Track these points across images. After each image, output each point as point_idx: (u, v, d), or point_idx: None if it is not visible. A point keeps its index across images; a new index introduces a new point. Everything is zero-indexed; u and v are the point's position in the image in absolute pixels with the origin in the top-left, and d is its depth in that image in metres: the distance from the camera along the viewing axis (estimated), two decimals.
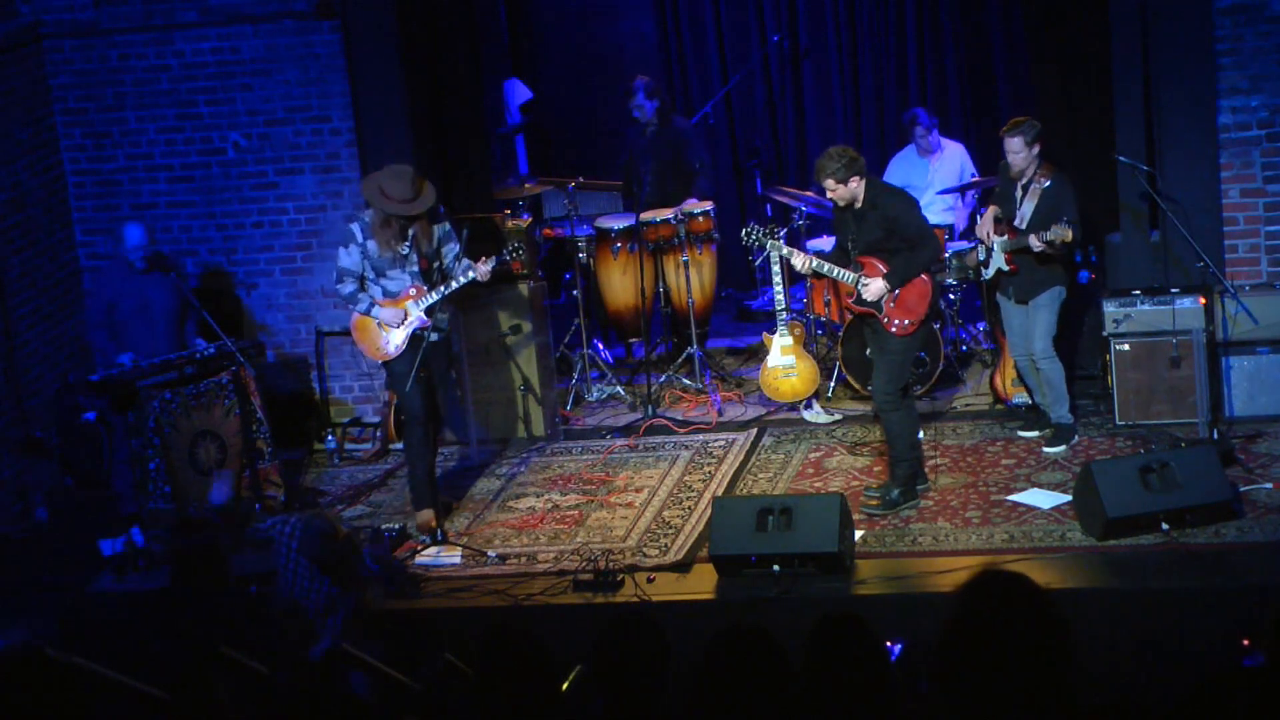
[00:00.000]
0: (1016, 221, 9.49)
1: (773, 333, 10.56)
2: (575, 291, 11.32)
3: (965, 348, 11.13)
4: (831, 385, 10.88)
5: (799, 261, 9.20)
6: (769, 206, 12.01)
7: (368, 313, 9.42)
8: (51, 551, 9.78)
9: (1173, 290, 9.76)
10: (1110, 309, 9.77)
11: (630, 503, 9.64)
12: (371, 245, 9.37)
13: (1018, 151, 9.40)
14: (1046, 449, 9.68)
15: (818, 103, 13.06)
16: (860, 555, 8.59)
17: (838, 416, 10.56)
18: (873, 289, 8.98)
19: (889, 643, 5.11)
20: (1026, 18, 10.87)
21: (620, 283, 11.39)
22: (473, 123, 11.28)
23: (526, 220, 11.08)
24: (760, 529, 8.47)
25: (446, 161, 11.20)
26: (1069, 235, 9.19)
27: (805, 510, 8.48)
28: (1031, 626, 3.51)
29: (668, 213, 11.23)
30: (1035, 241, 9.29)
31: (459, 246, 9.50)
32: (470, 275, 9.41)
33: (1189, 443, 9.33)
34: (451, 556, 9.10)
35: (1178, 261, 9.92)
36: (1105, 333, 9.79)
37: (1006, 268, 9.55)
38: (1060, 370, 9.63)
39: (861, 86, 12.91)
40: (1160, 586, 8.00)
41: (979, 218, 10.82)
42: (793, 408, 10.62)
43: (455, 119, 11.11)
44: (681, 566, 8.77)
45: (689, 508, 9.49)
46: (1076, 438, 9.72)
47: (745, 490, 9.62)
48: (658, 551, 8.96)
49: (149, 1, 10.79)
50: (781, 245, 9.48)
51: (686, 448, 10.37)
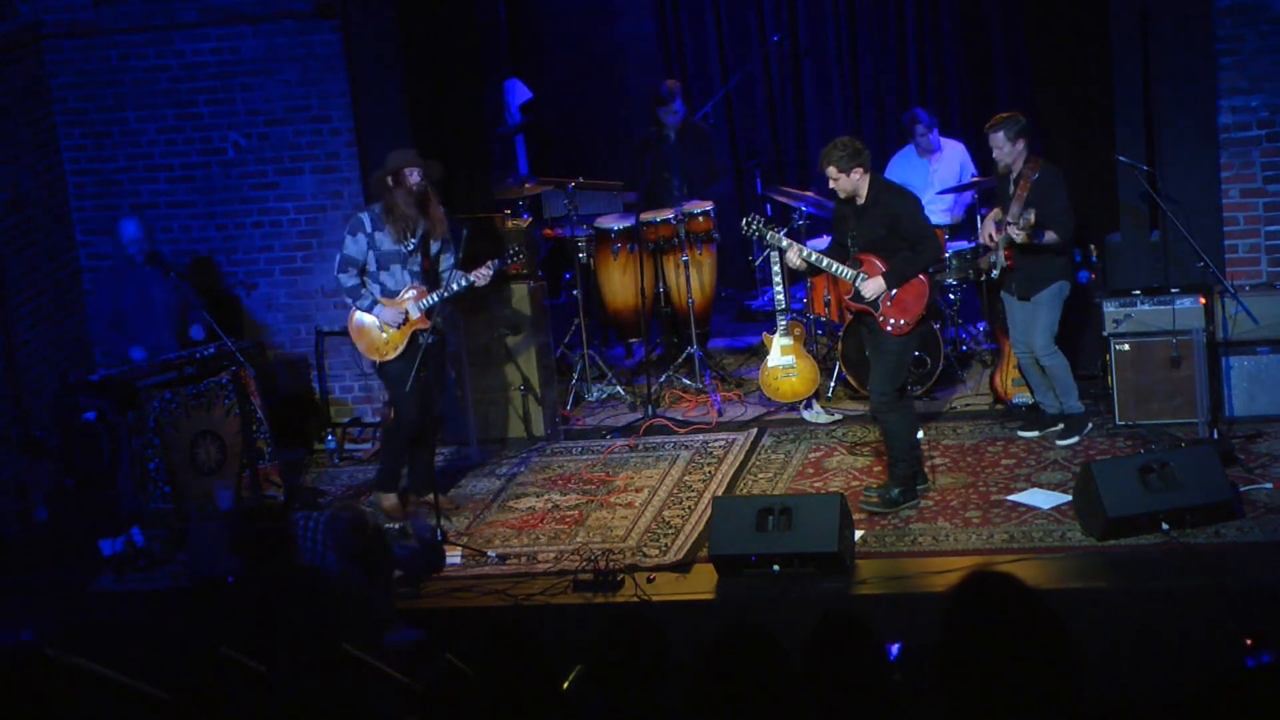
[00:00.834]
0: (1009, 217, 9.50)
1: (773, 333, 10.57)
2: (575, 291, 11.32)
3: (965, 348, 11.13)
4: (831, 385, 10.88)
5: (792, 253, 9.15)
6: (769, 206, 12.00)
7: (369, 310, 9.42)
8: (51, 551, 9.78)
9: (1173, 290, 9.76)
10: (1110, 309, 9.77)
11: (630, 503, 9.64)
12: (380, 236, 9.38)
13: (1000, 146, 9.43)
14: (1060, 441, 9.70)
15: (818, 103, 13.06)
16: (860, 555, 8.59)
17: (838, 416, 10.56)
18: (870, 286, 8.98)
19: (888, 643, 5.11)
20: (1026, 18, 10.87)
21: (620, 283, 11.38)
22: (473, 123, 11.28)
23: (526, 220, 11.08)
24: (760, 529, 8.46)
25: (446, 161, 11.18)
26: (1031, 220, 9.21)
27: (805, 510, 8.48)
28: (1025, 626, 3.51)
29: (668, 213, 11.22)
30: (1014, 232, 9.33)
31: (454, 258, 9.53)
32: (470, 280, 9.42)
33: (1189, 443, 9.33)
34: (451, 556, 9.10)
35: (1178, 261, 9.92)
36: (1105, 333, 9.79)
37: (1005, 263, 9.56)
38: (1064, 363, 9.63)
39: (861, 86, 12.91)
40: (1160, 586, 7.99)
41: (979, 217, 10.85)
42: (793, 408, 10.62)
43: (455, 119, 11.11)
44: (681, 566, 8.77)
45: (689, 508, 9.48)
46: (1090, 425, 9.72)
47: (745, 490, 9.62)
48: (658, 551, 8.96)
49: (149, 1, 10.78)
50: (781, 238, 9.46)
51: (686, 448, 10.36)
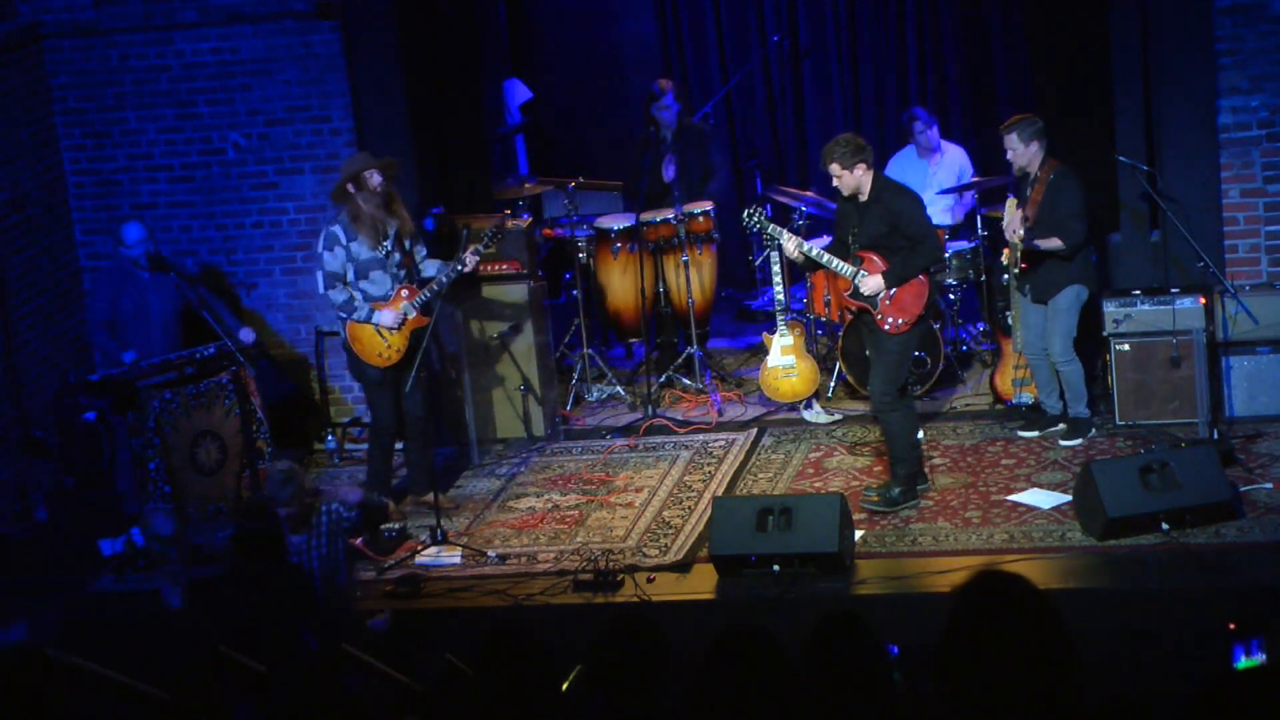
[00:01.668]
0: (1026, 220, 9.51)
1: (773, 333, 10.56)
2: (575, 291, 11.32)
3: (965, 348, 11.13)
4: (831, 385, 10.88)
5: (790, 245, 9.16)
6: (769, 206, 11.98)
7: (367, 320, 9.42)
8: (51, 551, 9.77)
9: (1173, 290, 9.76)
10: (1110, 309, 9.77)
11: (630, 503, 9.64)
12: (355, 246, 9.38)
13: (1014, 148, 9.44)
14: (1062, 441, 9.71)
15: (818, 103, 13.05)
16: (860, 555, 8.59)
17: (838, 416, 10.56)
18: (870, 284, 8.98)
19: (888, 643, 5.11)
20: (1026, 18, 10.87)
21: (620, 283, 11.38)
22: (473, 123, 11.28)
23: (526, 220, 11.08)
24: (760, 529, 8.47)
25: (446, 161, 11.20)
26: (1054, 243, 9.28)
27: (805, 510, 8.48)
28: (1030, 626, 3.51)
29: (668, 213, 11.22)
30: (1012, 239, 9.38)
31: (426, 249, 9.61)
32: (458, 268, 9.43)
33: (1189, 443, 9.33)
34: (451, 556, 9.10)
35: (1178, 261, 9.92)
36: (1105, 333, 9.79)
37: (1020, 265, 9.57)
38: (1079, 370, 9.65)
39: (861, 86, 12.90)
40: (1160, 586, 8.00)
41: (980, 218, 10.84)
42: (793, 408, 10.62)
43: (455, 119, 11.11)
44: (681, 566, 8.77)
45: (689, 508, 9.48)
46: (1093, 431, 9.73)
47: (745, 490, 9.62)
48: (658, 551, 8.96)
49: (149, 1, 10.78)
50: (781, 231, 9.44)
51: (686, 448, 10.36)
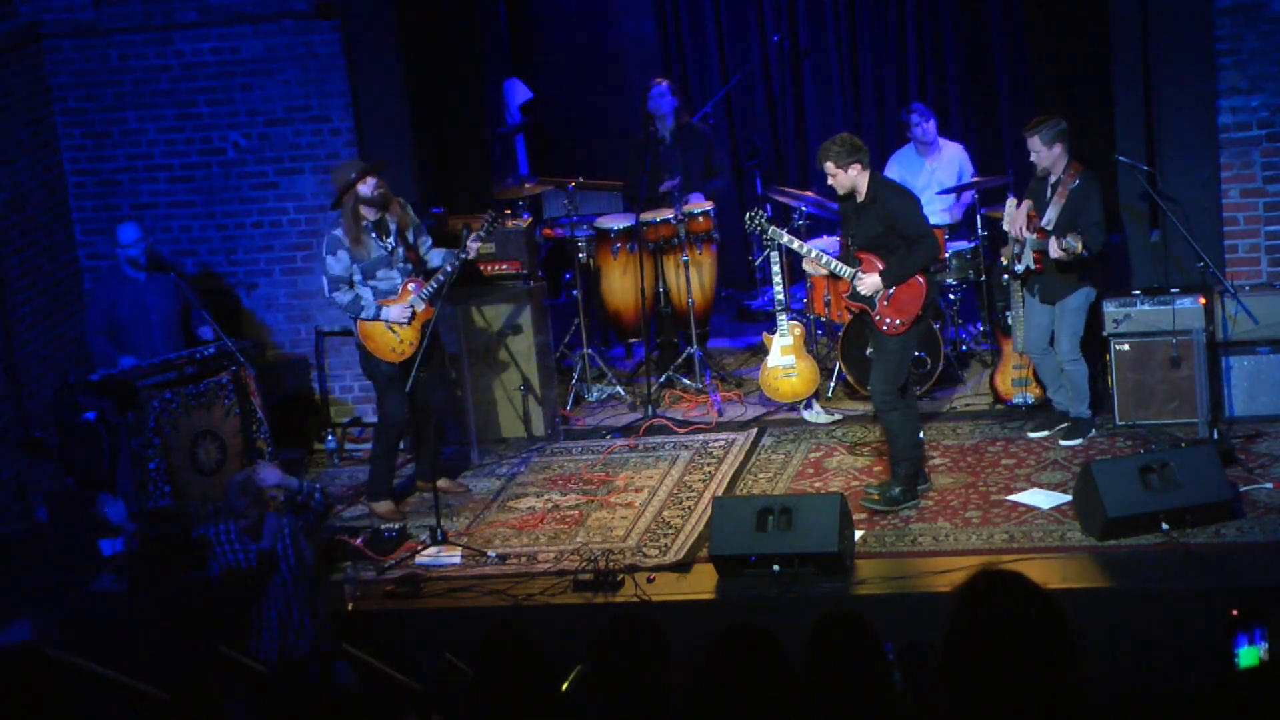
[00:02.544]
0: (1044, 222, 9.49)
1: (773, 333, 10.56)
2: (575, 291, 11.32)
3: (965, 348, 11.13)
4: (831, 385, 10.88)
5: (787, 241, 9.21)
6: (769, 206, 11.99)
7: (375, 318, 9.42)
8: (51, 551, 9.77)
9: (1173, 290, 9.76)
10: (1110, 309, 9.77)
11: (630, 503, 9.64)
12: (359, 249, 9.39)
13: (1037, 150, 9.43)
14: (1062, 441, 9.72)
15: (818, 103, 13.05)
16: (860, 555, 8.59)
17: (838, 416, 10.56)
18: (867, 284, 8.99)
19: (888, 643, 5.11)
20: (1026, 17, 10.87)
21: (620, 283, 11.38)
22: (473, 123, 11.28)
23: (526, 220, 11.08)
24: (760, 529, 8.46)
25: (446, 161, 11.20)
26: (1078, 248, 9.22)
27: (805, 510, 8.48)
28: (1031, 624, 3.51)
29: (668, 213, 11.22)
30: (1054, 248, 9.32)
31: (430, 239, 9.64)
32: (461, 256, 9.46)
33: (1189, 443, 9.33)
34: (451, 556, 9.10)
35: (1178, 261, 9.92)
36: (1105, 333, 9.79)
37: (1033, 266, 9.55)
38: (1085, 371, 9.67)
39: (861, 86, 12.90)
40: (1160, 586, 8.00)
41: (979, 217, 10.84)
42: (793, 408, 10.62)
43: (455, 119, 11.11)
44: (681, 566, 8.77)
45: (689, 508, 9.48)
46: (1094, 432, 9.73)
47: (745, 490, 9.62)
48: (658, 551, 8.96)
49: (149, 1, 10.78)
50: (782, 233, 9.46)
51: (686, 448, 10.36)
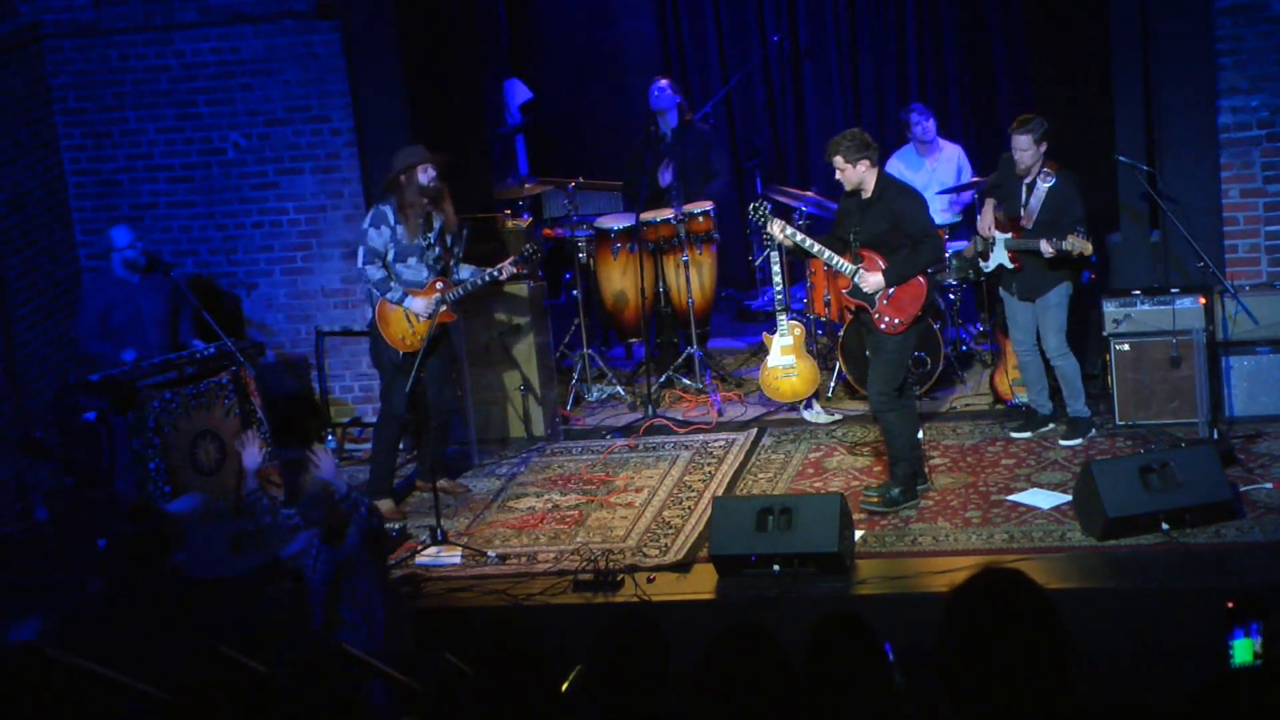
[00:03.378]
0: (1023, 220, 9.49)
1: (773, 333, 10.56)
2: (575, 291, 11.32)
3: (965, 348, 11.13)
4: (831, 385, 10.88)
5: (775, 228, 9.18)
6: (769, 206, 11.99)
7: (400, 302, 9.46)
8: (51, 551, 9.77)
9: (1173, 290, 9.76)
10: (1110, 309, 9.77)
11: (630, 503, 9.64)
12: (401, 230, 9.44)
13: (1025, 149, 9.42)
14: (1062, 441, 9.72)
15: (818, 103, 13.05)
16: (860, 555, 8.59)
17: (838, 416, 10.56)
18: (870, 282, 8.99)
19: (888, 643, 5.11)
20: (1026, 18, 10.87)
21: (620, 283, 11.38)
22: (473, 123, 11.28)
23: (526, 220, 11.08)
24: (760, 529, 8.46)
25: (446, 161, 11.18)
26: (1089, 249, 9.21)
27: (805, 510, 8.48)
28: (1030, 624, 3.51)
29: (668, 213, 11.21)
30: (1046, 247, 9.29)
31: (462, 252, 9.69)
32: (493, 274, 9.57)
33: (1189, 443, 9.33)
34: (451, 556, 9.10)
35: (1178, 261, 9.92)
36: (1105, 333, 9.79)
37: (1010, 265, 9.54)
38: (1075, 365, 9.65)
39: (861, 86, 12.90)
40: (1160, 586, 8.00)
41: (979, 217, 10.84)
42: (793, 408, 10.62)
43: (455, 119, 11.11)
44: (681, 566, 8.76)
45: (689, 508, 9.48)
46: (1094, 430, 9.72)
47: (745, 490, 9.62)
48: (658, 551, 8.96)
49: (149, 1, 10.79)
50: (778, 223, 9.39)
51: (686, 448, 10.36)
